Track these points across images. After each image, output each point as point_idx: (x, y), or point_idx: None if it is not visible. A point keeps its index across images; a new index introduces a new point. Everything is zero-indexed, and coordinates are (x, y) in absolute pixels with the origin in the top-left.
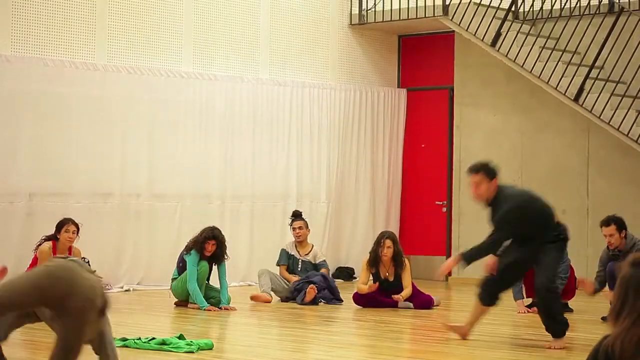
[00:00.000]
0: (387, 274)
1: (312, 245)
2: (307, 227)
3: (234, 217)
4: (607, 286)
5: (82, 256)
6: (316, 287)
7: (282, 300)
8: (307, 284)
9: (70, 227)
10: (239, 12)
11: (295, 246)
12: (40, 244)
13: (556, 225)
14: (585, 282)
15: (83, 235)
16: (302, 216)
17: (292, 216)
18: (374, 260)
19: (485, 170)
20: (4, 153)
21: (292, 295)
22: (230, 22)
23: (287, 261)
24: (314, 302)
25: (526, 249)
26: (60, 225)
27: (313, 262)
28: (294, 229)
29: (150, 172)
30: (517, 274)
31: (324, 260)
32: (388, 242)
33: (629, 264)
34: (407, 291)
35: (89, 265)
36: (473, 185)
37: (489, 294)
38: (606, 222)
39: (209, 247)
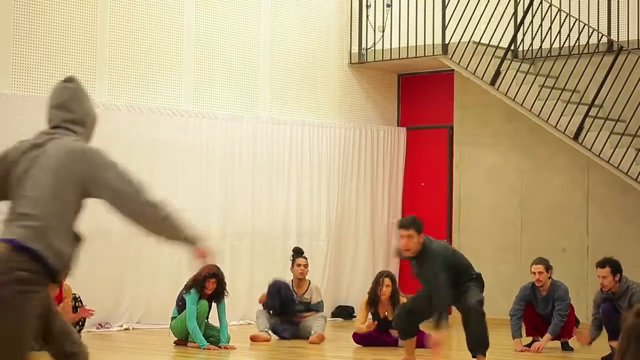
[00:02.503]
0: (386, 313)
1: (309, 282)
2: (307, 265)
3: (234, 255)
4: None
5: (72, 293)
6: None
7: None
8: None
9: None
10: (239, 51)
11: (292, 284)
12: None
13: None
14: (582, 333)
15: (82, 273)
16: (304, 254)
17: (293, 252)
18: (373, 300)
19: (416, 226)
20: None
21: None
22: (230, 61)
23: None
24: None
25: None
26: None
27: (310, 302)
28: (298, 265)
29: None
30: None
31: (320, 303)
32: (387, 281)
33: (634, 314)
34: None
35: (81, 302)
36: (405, 239)
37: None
38: (601, 264)
39: (210, 285)
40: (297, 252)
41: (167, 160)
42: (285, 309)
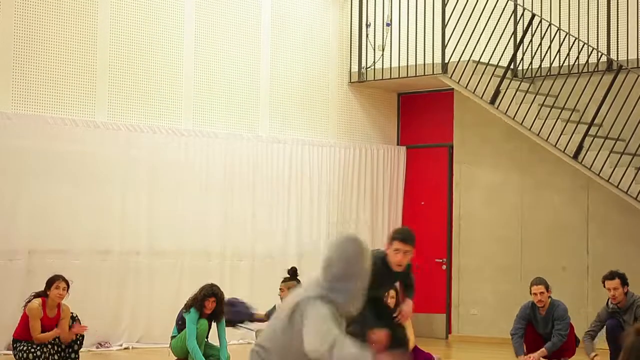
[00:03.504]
0: None
1: None
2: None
3: (234, 274)
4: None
5: (71, 312)
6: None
7: None
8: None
9: (61, 283)
10: (239, 70)
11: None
12: (29, 301)
13: None
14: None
15: (82, 293)
16: (298, 276)
17: (287, 274)
18: None
19: (415, 243)
20: (3, 210)
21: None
22: (230, 80)
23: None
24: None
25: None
26: (51, 282)
27: None
28: (281, 289)
29: (149, 230)
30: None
31: None
32: (392, 293)
33: (635, 332)
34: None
35: (79, 321)
36: (401, 255)
37: None
38: (610, 276)
39: (209, 304)
40: (290, 275)
41: (168, 178)
42: None
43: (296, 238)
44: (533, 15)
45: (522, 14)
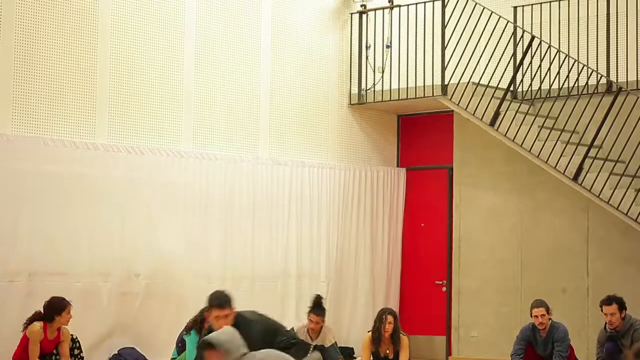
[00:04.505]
0: (387, 351)
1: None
2: (324, 319)
3: (234, 296)
4: None
5: (70, 334)
6: None
7: None
8: None
9: (70, 308)
10: (239, 92)
11: (308, 331)
12: (30, 322)
13: None
14: None
15: (82, 315)
16: (323, 305)
17: (311, 304)
18: (377, 338)
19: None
20: (4, 232)
21: None
22: (230, 102)
23: None
24: None
25: None
26: (62, 308)
27: (324, 345)
28: (310, 321)
29: (150, 252)
30: None
31: (334, 345)
32: (390, 318)
33: (634, 354)
34: None
35: (79, 345)
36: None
37: None
38: (607, 302)
39: (208, 327)
40: (314, 305)
41: (168, 200)
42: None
43: (296, 260)
44: (533, 37)
45: (522, 36)
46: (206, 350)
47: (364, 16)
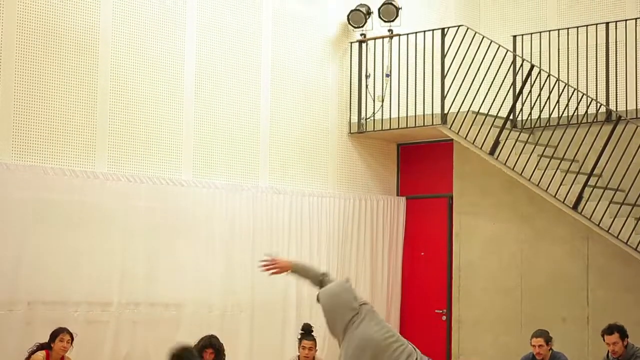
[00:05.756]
0: None
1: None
2: (316, 346)
3: (234, 326)
4: None
5: None
6: None
7: None
8: None
9: (65, 336)
10: (239, 121)
11: None
12: (33, 352)
13: None
14: None
15: (81, 344)
16: (313, 332)
17: (302, 330)
18: None
19: None
20: (3, 261)
21: None
22: (230, 131)
23: None
24: None
25: None
26: (55, 335)
27: None
28: (303, 347)
29: (149, 281)
30: None
31: None
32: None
33: None
34: None
35: None
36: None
37: None
38: (609, 331)
39: (207, 356)
40: (305, 331)
41: (168, 229)
42: None
43: (296, 288)
44: (532, 66)
45: (522, 65)
46: None
47: (364, 45)
